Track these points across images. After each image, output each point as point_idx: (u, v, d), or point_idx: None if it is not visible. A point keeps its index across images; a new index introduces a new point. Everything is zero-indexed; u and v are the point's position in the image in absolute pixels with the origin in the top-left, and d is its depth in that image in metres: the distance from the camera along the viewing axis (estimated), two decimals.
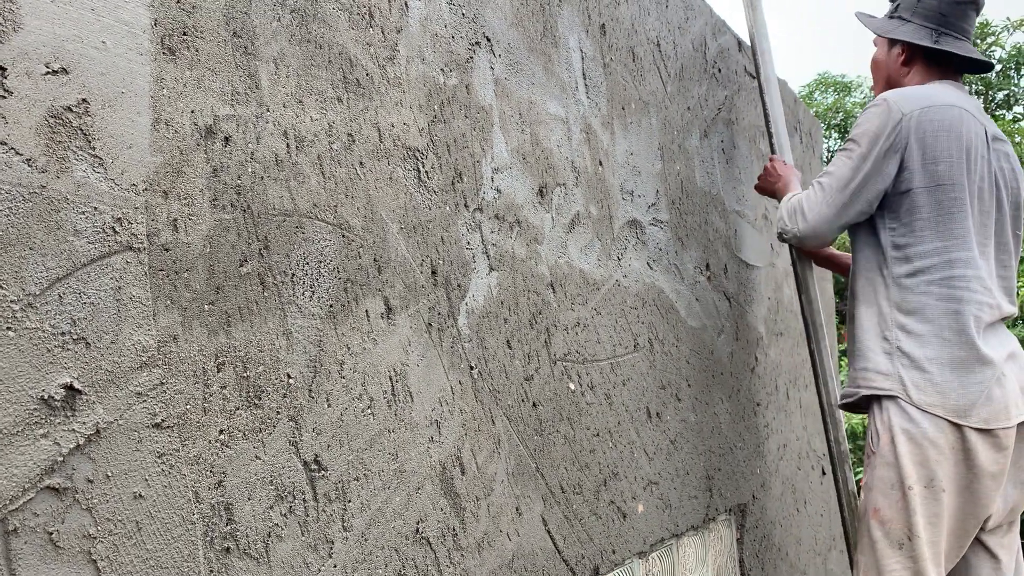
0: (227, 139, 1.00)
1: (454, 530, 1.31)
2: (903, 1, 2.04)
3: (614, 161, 1.89)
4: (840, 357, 6.25)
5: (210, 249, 0.97)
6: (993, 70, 2.15)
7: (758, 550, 2.51)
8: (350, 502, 1.12)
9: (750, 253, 2.64)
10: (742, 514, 2.43)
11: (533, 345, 1.55)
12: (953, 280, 1.83)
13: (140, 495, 0.87)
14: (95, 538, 0.82)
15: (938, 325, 1.82)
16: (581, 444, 1.66)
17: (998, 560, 1.90)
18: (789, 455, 2.81)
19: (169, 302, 0.91)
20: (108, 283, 0.85)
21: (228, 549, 0.95)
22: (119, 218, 0.87)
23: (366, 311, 1.18)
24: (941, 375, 1.80)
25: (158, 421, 0.89)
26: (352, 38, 1.20)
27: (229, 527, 0.96)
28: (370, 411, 1.17)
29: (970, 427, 1.77)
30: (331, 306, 1.12)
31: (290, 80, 1.09)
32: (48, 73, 0.81)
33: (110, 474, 0.84)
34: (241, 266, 1.00)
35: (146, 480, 0.87)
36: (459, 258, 1.38)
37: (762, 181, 2.43)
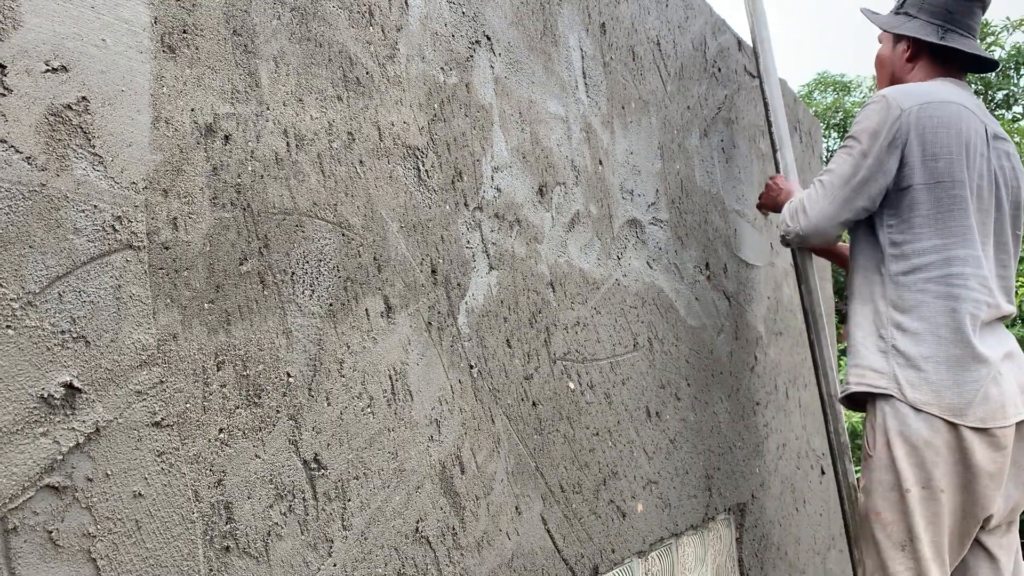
0: (227, 137, 1.00)
1: (454, 529, 1.31)
2: None
3: (614, 160, 1.89)
4: (839, 356, 6.25)
5: (210, 247, 0.96)
6: (997, 68, 2.14)
7: (757, 549, 2.51)
8: (350, 501, 1.12)
9: (750, 252, 2.64)
10: (741, 513, 2.43)
11: (533, 344, 1.55)
12: (951, 278, 1.82)
13: (140, 494, 0.87)
14: (95, 537, 0.82)
15: (934, 323, 1.81)
16: (581, 443, 1.66)
17: (996, 560, 1.89)
18: (788, 454, 2.81)
19: (169, 300, 0.91)
20: (108, 281, 0.85)
21: (228, 548, 0.95)
22: (119, 216, 0.87)
23: (366, 310, 1.18)
24: (936, 373, 1.79)
25: (158, 420, 0.89)
26: (352, 36, 1.20)
27: (229, 526, 0.96)
28: (370, 410, 1.17)
29: (966, 426, 1.76)
30: (331, 305, 1.12)
31: (290, 78, 1.09)
32: (48, 71, 0.81)
33: (110, 473, 0.84)
34: (241, 265, 1.00)
35: (146, 479, 0.87)
36: (459, 257, 1.38)
37: (764, 198, 2.43)
